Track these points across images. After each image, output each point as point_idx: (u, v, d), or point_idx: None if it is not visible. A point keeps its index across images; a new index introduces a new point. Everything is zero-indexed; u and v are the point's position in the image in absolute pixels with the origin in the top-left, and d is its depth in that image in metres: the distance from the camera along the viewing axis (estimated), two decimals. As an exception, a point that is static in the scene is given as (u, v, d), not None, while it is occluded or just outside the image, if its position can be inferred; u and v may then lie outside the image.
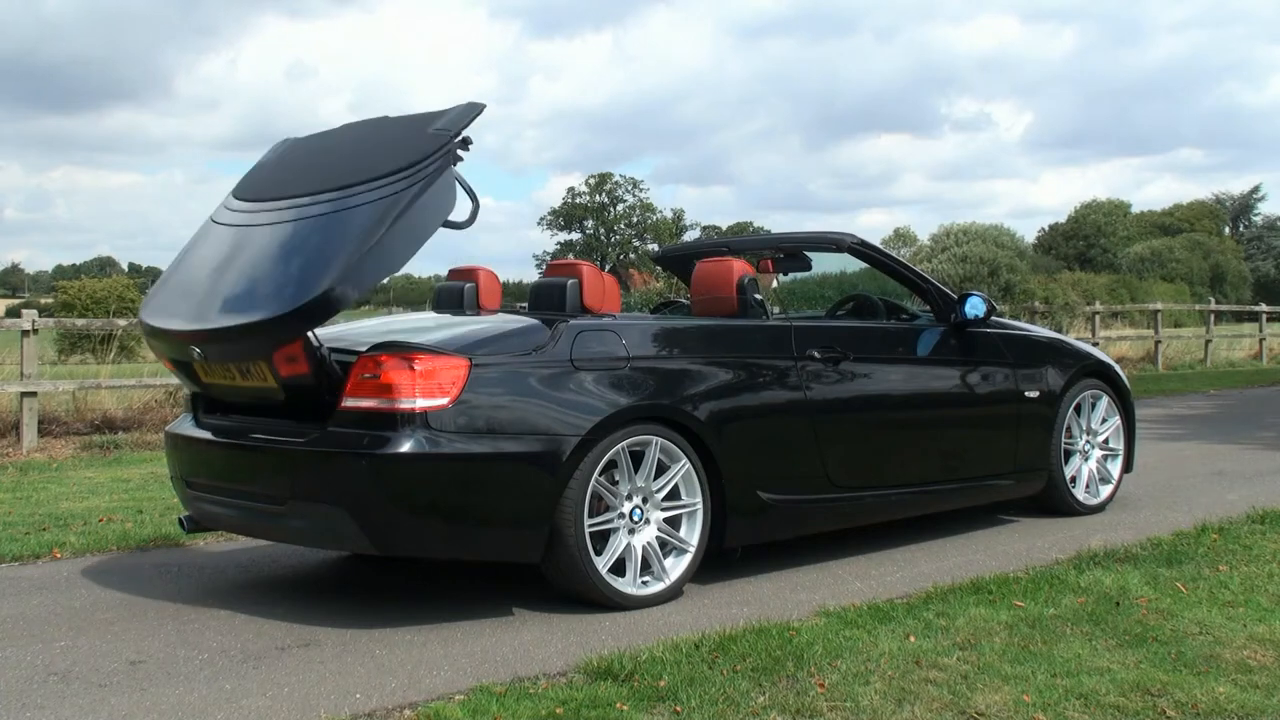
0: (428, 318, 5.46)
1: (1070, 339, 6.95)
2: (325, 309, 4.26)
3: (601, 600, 4.55)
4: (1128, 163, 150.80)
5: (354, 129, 5.26)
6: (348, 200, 4.52)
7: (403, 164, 4.51)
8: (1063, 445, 6.33)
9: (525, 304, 5.48)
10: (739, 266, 5.48)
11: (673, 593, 4.73)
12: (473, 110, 4.72)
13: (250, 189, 5.11)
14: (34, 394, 10.18)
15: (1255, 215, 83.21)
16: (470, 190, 4.65)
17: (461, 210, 4.66)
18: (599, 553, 4.54)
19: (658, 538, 4.73)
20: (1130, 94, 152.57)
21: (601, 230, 79.48)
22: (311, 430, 4.45)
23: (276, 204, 4.83)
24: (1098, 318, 20.99)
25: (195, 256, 4.98)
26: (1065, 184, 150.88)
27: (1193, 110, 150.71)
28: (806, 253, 6.28)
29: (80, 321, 15.33)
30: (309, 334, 4.36)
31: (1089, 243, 71.01)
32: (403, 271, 5.89)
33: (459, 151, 4.59)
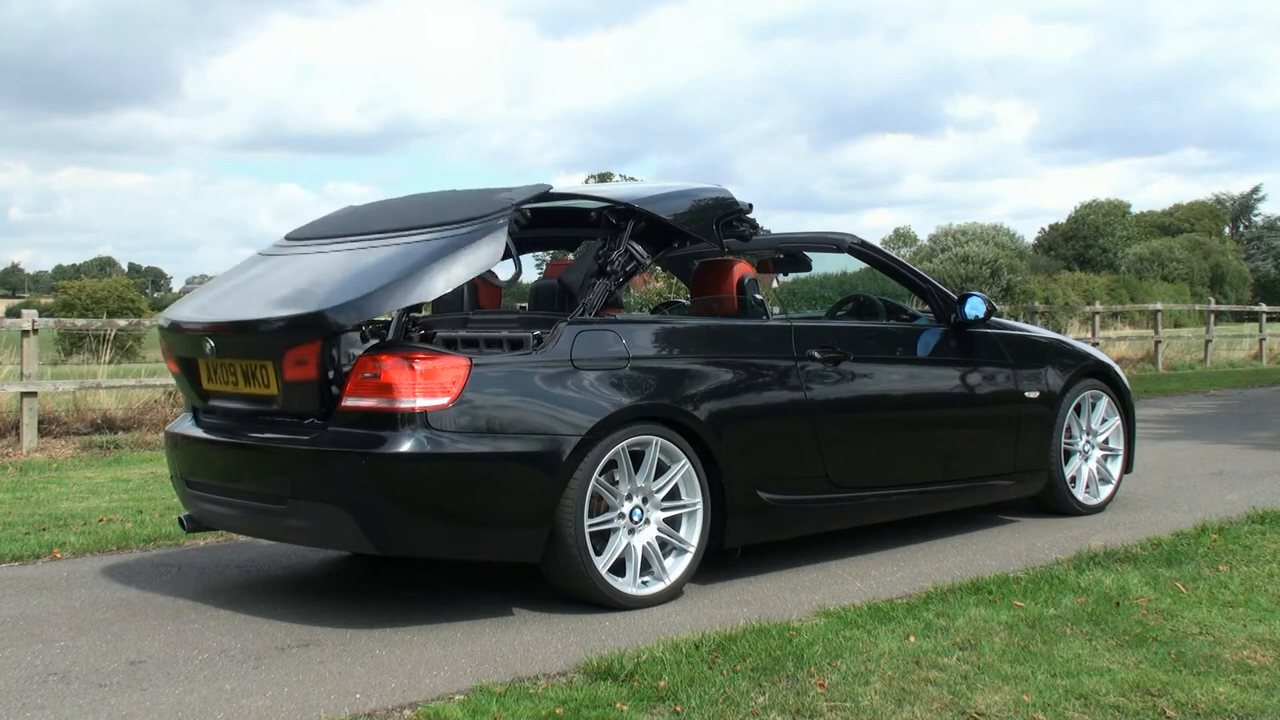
0: None
1: (1070, 339, 6.94)
2: (355, 315, 4.32)
3: (601, 600, 4.55)
4: (1131, 163, 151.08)
5: (420, 196, 5.55)
6: (403, 240, 4.72)
7: (462, 217, 4.72)
8: (1063, 445, 6.33)
9: (525, 304, 5.49)
10: (739, 266, 5.49)
11: (673, 593, 4.72)
12: (540, 189, 4.96)
13: (305, 233, 5.40)
14: (34, 394, 10.18)
15: (1255, 215, 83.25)
16: (517, 257, 4.85)
17: (505, 270, 4.99)
18: (599, 553, 4.54)
19: (658, 538, 4.73)
20: (1135, 95, 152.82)
21: (601, 230, 79.22)
22: (312, 430, 4.45)
23: (331, 241, 5.08)
24: (1097, 318, 20.98)
25: (234, 276, 5.25)
26: (1069, 184, 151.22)
27: (1197, 111, 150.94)
28: (806, 253, 6.28)
29: (80, 321, 15.34)
30: (325, 340, 4.36)
31: (1088, 243, 70.99)
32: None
33: (518, 220, 4.81)
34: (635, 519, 4.67)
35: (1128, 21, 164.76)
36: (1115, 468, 6.65)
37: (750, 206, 5.45)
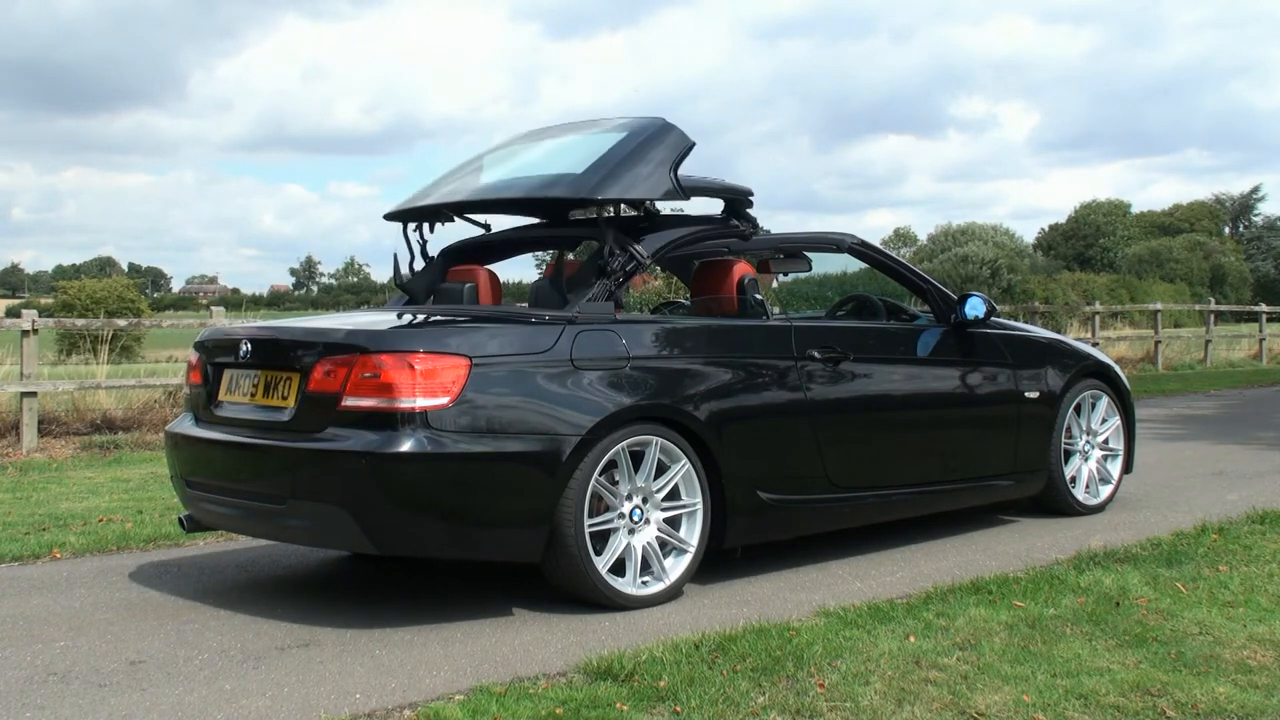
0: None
1: (1070, 339, 6.94)
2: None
3: (601, 600, 4.55)
4: (1133, 163, 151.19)
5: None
6: None
7: None
8: (1063, 445, 6.33)
9: (525, 304, 5.48)
10: (739, 266, 5.48)
11: (673, 593, 4.72)
12: None
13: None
14: (34, 394, 10.18)
15: (1255, 215, 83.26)
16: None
17: None
18: (599, 553, 4.54)
19: (658, 538, 4.73)
20: (1138, 95, 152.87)
21: (601, 230, 79.16)
22: (312, 429, 4.45)
23: None
24: (1097, 318, 20.98)
25: None
26: (1070, 184, 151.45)
27: (1200, 111, 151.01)
28: (806, 253, 6.27)
29: (80, 321, 15.36)
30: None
31: (1088, 243, 71.02)
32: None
33: None
34: (635, 519, 4.67)
35: (1133, 22, 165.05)
36: (1115, 468, 6.65)
37: (750, 191, 5.47)
